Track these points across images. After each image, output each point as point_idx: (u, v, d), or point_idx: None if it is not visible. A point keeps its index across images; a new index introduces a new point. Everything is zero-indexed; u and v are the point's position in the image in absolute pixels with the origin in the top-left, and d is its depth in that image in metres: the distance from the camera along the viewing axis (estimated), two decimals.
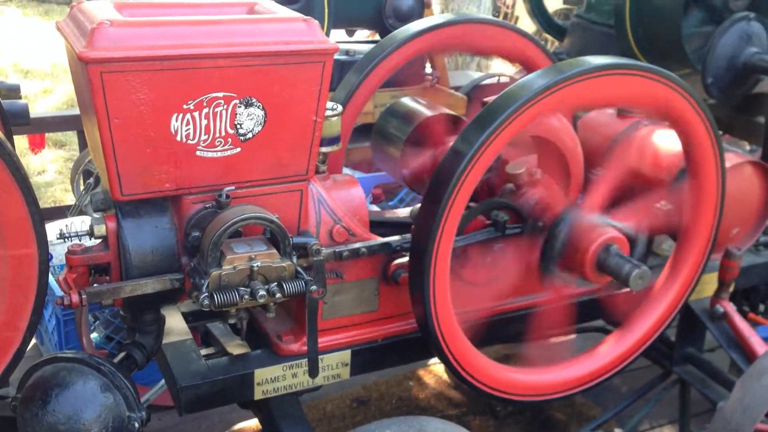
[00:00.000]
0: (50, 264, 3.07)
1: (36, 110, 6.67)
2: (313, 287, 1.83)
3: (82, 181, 3.96)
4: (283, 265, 1.80)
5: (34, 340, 3.43)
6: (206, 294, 1.73)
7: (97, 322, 3.03)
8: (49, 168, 6.01)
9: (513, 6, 9.29)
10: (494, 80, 5.16)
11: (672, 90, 2.08)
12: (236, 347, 2.20)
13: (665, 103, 2.10)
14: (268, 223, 1.80)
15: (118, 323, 2.97)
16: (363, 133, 3.13)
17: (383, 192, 3.79)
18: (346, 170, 3.41)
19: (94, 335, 2.98)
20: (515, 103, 1.93)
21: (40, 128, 4.51)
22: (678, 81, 2.09)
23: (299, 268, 1.83)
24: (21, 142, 5.72)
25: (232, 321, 1.90)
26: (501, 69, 7.30)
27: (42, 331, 3.22)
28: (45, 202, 5.40)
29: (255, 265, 1.76)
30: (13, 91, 2.76)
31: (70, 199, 5.01)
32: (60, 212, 4.07)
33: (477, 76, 5.53)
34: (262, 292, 1.74)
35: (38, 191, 5.58)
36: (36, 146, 6.10)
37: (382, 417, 3.09)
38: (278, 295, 1.77)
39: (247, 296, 1.75)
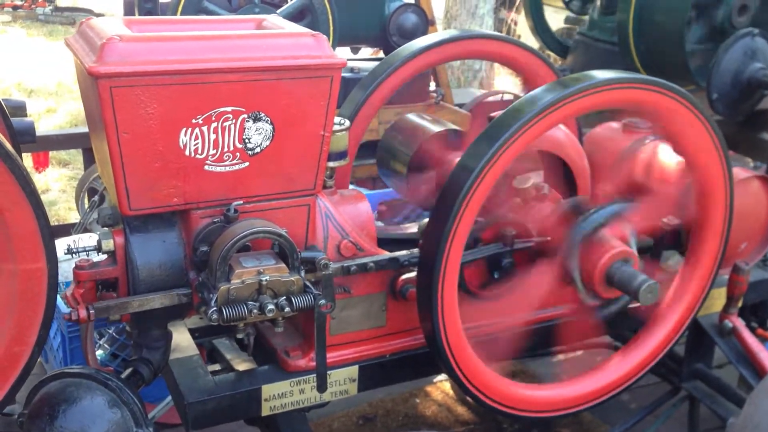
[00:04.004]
0: None
1: (40, 129, 6.68)
2: (322, 301, 1.82)
3: (86, 199, 3.96)
4: (292, 279, 1.79)
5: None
6: (215, 308, 1.72)
7: (102, 339, 3.02)
8: (53, 187, 6.02)
9: (516, 25, 9.35)
10: (498, 97, 5.17)
11: (680, 104, 2.08)
12: (242, 363, 2.19)
13: (673, 117, 2.10)
14: (276, 237, 1.80)
15: (124, 340, 2.96)
16: (368, 150, 3.14)
17: (389, 208, 3.78)
18: (351, 187, 3.41)
19: (99, 352, 2.96)
20: (523, 117, 1.93)
21: (44, 146, 4.52)
22: (686, 96, 2.09)
23: (308, 283, 1.83)
24: (25, 161, 5.71)
25: (240, 336, 1.89)
26: (504, 87, 7.35)
27: (47, 348, 3.21)
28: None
29: (264, 279, 1.76)
30: (19, 109, 2.76)
31: (74, 218, 5.01)
32: (64, 230, 4.06)
33: (480, 93, 5.55)
34: (270, 306, 1.74)
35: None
36: (40, 165, 6.08)
37: None
38: (287, 309, 1.77)
39: (255, 310, 1.74)
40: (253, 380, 2.08)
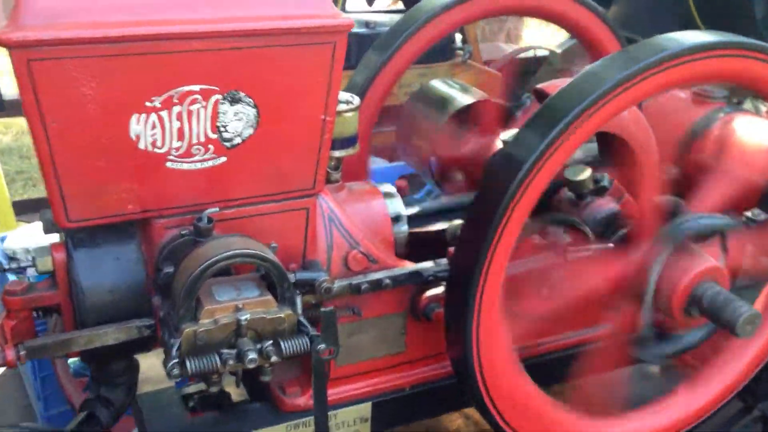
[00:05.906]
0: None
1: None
2: (321, 346, 1.39)
3: None
4: (281, 315, 1.36)
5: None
6: (176, 360, 1.29)
7: None
8: None
9: None
10: (530, 54, 4.68)
11: None
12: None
13: None
14: (260, 262, 1.36)
15: None
16: (386, 115, 2.71)
17: (409, 184, 3.34)
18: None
19: (72, 360, 2.56)
20: (587, 98, 1.47)
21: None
22: None
23: (302, 319, 1.39)
24: (22, 121, 5.33)
25: (213, 389, 1.45)
26: (534, 41, 6.81)
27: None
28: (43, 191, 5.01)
29: (243, 317, 1.32)
30: None
31: None
32: None
33: (509, 48, 5.05)
34: (252, 356, 1.31)
35: (38, 177, 5.20)
36: None
37: None
38: (274, 357, 1.34)
39: (231, 360, 1.31)
40: (240, 423, 1.69)
